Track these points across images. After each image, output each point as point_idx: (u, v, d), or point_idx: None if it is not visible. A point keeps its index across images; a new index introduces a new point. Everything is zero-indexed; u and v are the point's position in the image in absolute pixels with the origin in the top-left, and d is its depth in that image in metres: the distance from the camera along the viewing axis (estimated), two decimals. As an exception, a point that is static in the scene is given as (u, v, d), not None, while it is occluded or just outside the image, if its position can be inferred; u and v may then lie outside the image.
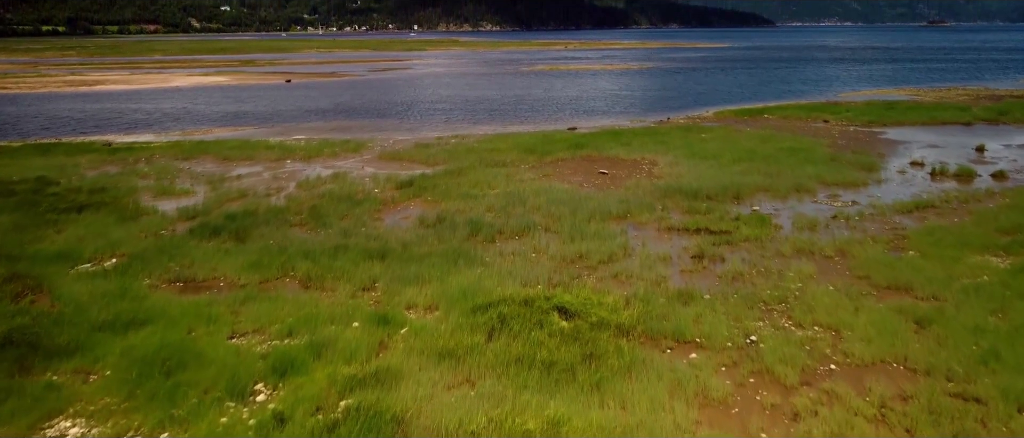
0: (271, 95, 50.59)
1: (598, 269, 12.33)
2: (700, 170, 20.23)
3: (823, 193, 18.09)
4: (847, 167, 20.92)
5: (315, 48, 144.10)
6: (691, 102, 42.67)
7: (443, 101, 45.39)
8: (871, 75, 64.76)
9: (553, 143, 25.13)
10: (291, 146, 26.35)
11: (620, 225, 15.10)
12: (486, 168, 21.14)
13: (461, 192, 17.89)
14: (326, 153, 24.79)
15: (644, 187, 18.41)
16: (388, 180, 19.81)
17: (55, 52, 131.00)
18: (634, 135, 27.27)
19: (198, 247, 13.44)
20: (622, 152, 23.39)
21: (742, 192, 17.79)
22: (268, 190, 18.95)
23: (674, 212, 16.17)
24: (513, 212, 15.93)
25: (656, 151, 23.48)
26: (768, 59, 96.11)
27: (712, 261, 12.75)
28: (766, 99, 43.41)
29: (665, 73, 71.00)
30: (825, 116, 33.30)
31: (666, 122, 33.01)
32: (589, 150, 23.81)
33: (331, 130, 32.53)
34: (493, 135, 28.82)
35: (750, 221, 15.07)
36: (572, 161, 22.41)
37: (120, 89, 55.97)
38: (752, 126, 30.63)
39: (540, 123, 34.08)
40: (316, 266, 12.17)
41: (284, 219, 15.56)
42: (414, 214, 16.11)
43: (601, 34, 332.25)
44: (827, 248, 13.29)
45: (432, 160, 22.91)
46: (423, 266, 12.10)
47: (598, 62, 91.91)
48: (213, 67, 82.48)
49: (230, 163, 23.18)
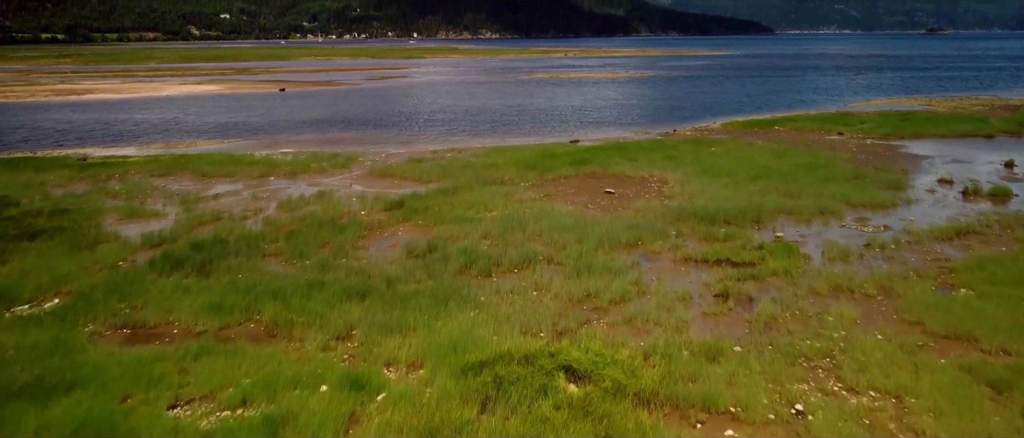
0: (264, 105, 49.13)
1: (609, 311, 10.78)
2: (714, 189, 18.69)
3: (850, 216, 16.56)
4: (872, 186, 19.39)
5: (313, 56, 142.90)
6: (697, 113, 41.21)
7: (440, 111, 43.93)
8: (879, 84, 63.38)
9: (555, 158, 23.61)
10: (276, 161, 24.83)
11: (631, 255, 13.55)
12: (483, 186, 19.61)
13: (455, 215, 16.34)
14: (313, 169, 23.26)
15: (655, 209, 16.87)
16: (376, 200, 18.28)
17: (50, 60, 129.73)
18: (640, 149, 25.76)
19: (155, 283, 11.88)
20: (629, 168, 21.86)
21: (762, 215, 16.25)
22: (245, 212, 17.40)
23: (690, 239, 14.62)
24: (512, 240, 14.38)
25: (665, 167, 21.95)
26: (772, 67, 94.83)
27: (738, 302, 11.18)
28: (775, 109, 41.95)
29: (668, 82, 69.64)
30: (839, 128, 31.82)
31: (673, 134, 31.51)
32: (593, 166, 22.29)
33: (322, 142, 31.02)
34: (491, 148, 27.31)
35: (775, 251, 13.52)
36: (575, 179, 20.88)
37: (109, 98, 54.51)
38: (764, 139, 29.13)
39: (541, 135, 32.58)
40: (286, 308, 10.61)
41: (257, 248, 14.00)
42: (402, 241, 14.55)
43: (601, 41, 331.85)
44: (867, 285, 11.73)
45: (425, 177, 21.38)
46: (408, 309, 10.54)
47: (599, 70, 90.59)
48: (207, 76, 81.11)
49: (208, 180, 21.64)
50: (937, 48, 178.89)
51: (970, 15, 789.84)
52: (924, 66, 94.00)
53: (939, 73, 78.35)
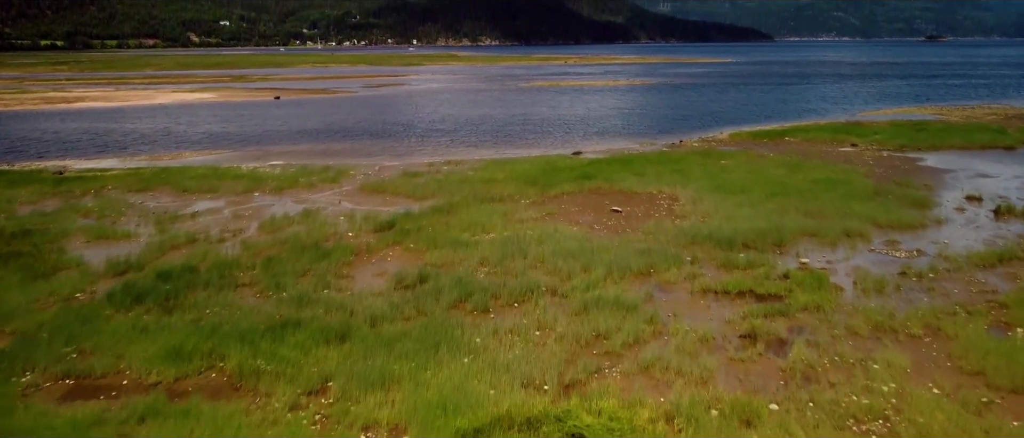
0: (257, 113, 47.90)
1: (623, 357, 9.46)
2: (729, 208, 17.39)
3: (878, 238, 15.26)
4: (896, 203, 18.10)
5: (311, 63, 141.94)
6: (703, 122, 39.98)
7: (437, 121, 42.70)
8: (886, 92, 62.22)
9: (557, 172, 22.33)
10: (263, 174, 23.54)
11: (643, 285, 12.24)
12: (481, 204, 18.31)
13: (450, 237, 15.03)
14: (301, 184, 21.97)
15: (666, 231, 15.57)
16: (366, 220, 16.98)
17: (47, 67, 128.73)
18: (647, 162, 24.48)
19: (111, 321, 10.57)
20: (636, 184, 20.57)
21: (784, 237, 14.95)
22: (223, 233, 16.10)
23: (707, 266, 13.32)
24: (512, 267, 13.07)
25: (674, 182, 20.66)
26: (775, 75, 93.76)
27: (769, 344, 9.87)
28: (782, 119, 40.75)
29: (671, 90, 68.49)
30: (852, 139, 30.57)
31: (679, 145, 30.26)
32: (598, 181, 21.00)
33: (313, 154, 29.75)
34: (490, 161, 26.04)
35: (803, 281, 12.21)
36: (579, 195, 19.58)
37: (100, 107, 53.28)
38: (775, 150, 27.88)
39: (541, 146, 31.32)
40: (254, 353, 9.30)
41: (230, 277, 12.69)
42: (391, 269, 13.24)
43: (601, 49, 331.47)
44: (911, 323, 10.43)
45: (420, 193, 20.09)
46: (393, 355, 9.23)
47: (600, 78, 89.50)
48: (202, 83, 79.98)
49: (189, 197, 20.34)
50: (939, 55, 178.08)
51: (969, 22, 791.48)
52: (929, 74, 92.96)
53: (946, 81, 77.25)
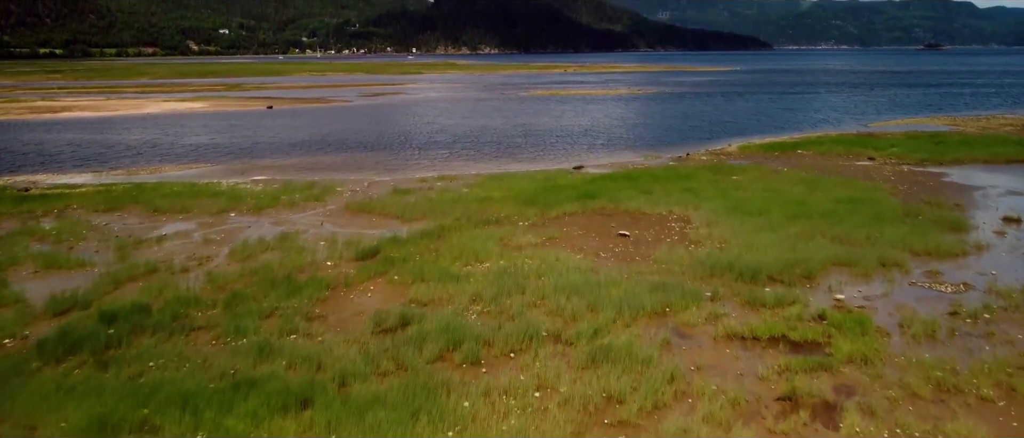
0: (247, 124, 46.39)
1: (640, 430, 7.85)
2: (748, 233, 15.80)
3: (917, 268, 13.67)
4: (930, 227, 16.51)
5: (308, 72, 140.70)
6: (710, 133, 38.47)
7: (433, 132, 41.18)
8: (895, 101, 60.81)
9: (558, 190, 20.75)
10: (243, 192, 21.96)
11: (659, 328, 10.64)
12: (474, 228, 16.72)
13: (439, 269, 13.42)
14: (283, 202, 20.38)
15: (681, 260, 13.97)
16: (348, 246, 15.39)
17: (41, 75, 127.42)
18: (654, 178, 22.91)
19: (35, 378, 8.96)
20: (643, 203, 18.98)
21: (813, 268, 13.35)
22: (187, 262, 14.49)
23: (730, 303, 11.71)
24: (508, 306, 11.46)
25: (685, 202, 19.07)
26: (778, 84, 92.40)
27: (814, 412, 8.25)
28: (791, 130, 39.27)
29: (673, 99, 67.09)
30: (868, 152, 29.04)
31: (686, 159, 28.71)
32: (602, 200, 19.41)
33: (300, 168, 28.19)
34: (486, 177, 24.47)
35: (842, 323, 10.61)
36: (583, 217, 17.99)
37: (87, 117, 51.79)
38: (788, 165, 26.34)
39: (541, 160, 29.77)
40: (194, 426, 7.68)
41: (185, 318, 11.07)
42: (370, 308, 11.62)
43: (600, 57, 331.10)
44: (980, 382, 8.82)
45: (409, 213, 18.50)
46: (363, 429, 7.61)
47: (601, 87, 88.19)
48: (195, 92, 78.55)
49: (159, 218, 18.74)
50: (941, 63, 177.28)
51: (966, 31, 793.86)
52: (935, 82, 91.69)
53: (954, 90, 75.94)
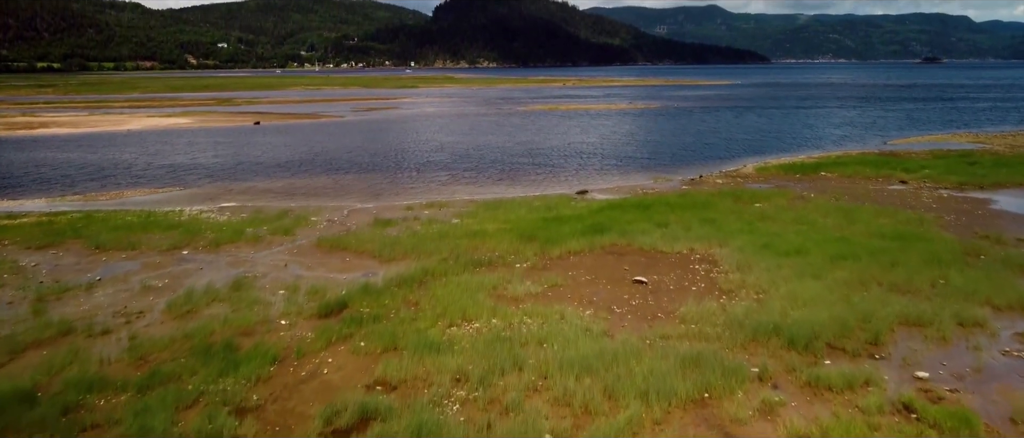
0: (231, 141, 43.96)
1: None
2: (788, 279, 13.25)
3: (1005, 330, 11.14)
4: (1001, 271, 13.98)
5: (303, 85, 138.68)
6: (722, 152, 36.03)
7: (425, 150, 38.74)
8: (910, 117, 58.51)
9: (561, 222, 18.22)
10: (204, 223, 19.41)
11: (698, 427, 8.08)
12: (464, 271, 14.17)
13: (416, 332, 10.86)
14: (246, 236, 17.81)
15: (713, 317, 11.42)
16: (311, 295, 12.85)
17: (31, 90, 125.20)
18: (668, 206, 20.37)
19: None
20: (660, 239, 16.44)
21: (879, 331, 10.79)
22: (113, 319, 11.92)
23: (785, 386, 9.15)
24: (501, 392, 8.89)
25: (708, 237, 16.53)
26: (785, 98, 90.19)
27: None
28: (807, 148, 36.86)
29: (678, 114, 64.79)
30: (897, 174, 26.60)
31: (700, 182, 26.24)
32: (613, 235, 16.87)
33: (277, 193, 25.70)
34: (480, 204, 21.96)
35: (940, 421, 8.06)
36: (590, 256, 15.44)
37: (63, 134, 49.33)
38: (813, 189, 23.86)
39: (541, 183, 27.27)
40: None
41: (79, 413, 8.48)
42: (323, 395, 9.04)
43: (599, 71, 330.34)
44: None
45: (389, 252, 15.94)
46: None
47: (601, 101, 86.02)
48: (183, 107, 76.22)
49: (99, 256, 16.17)
50: (947, 77, 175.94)
51: (963, 44, 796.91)
52: (946, 96, 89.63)
53: (968, 104, 73.80)
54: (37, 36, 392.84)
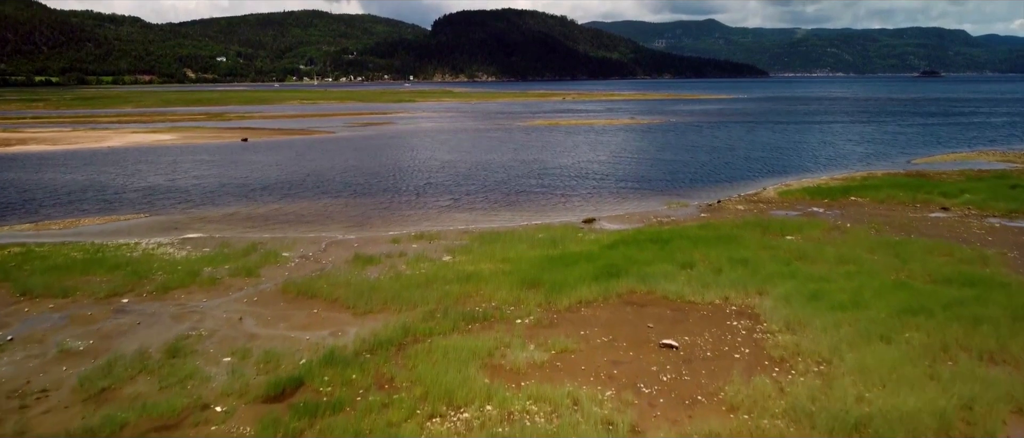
0: (215, 159, 41.53)
1: None
2: (852, 343, 10.71)
3: None
4: (1104, 327, 11.45)
5: (299, 100, 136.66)
6: (737, 172, 33.61)
7: (418, 170, 36.30)
8: (930, 133, 56.17)
9: (568, 262, 15.69)
10: (157, 260, 16.89)
11: None
12: (452, 332, 11.63)
13: (386, 426, 8.31)
14: (202, 278, 15.29)
15: (770, 403, 8.88)
16: (261, 367, 10.32)
17: (22, 104, 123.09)
18: (689, 240, 17.84)
19: None
20: (686, 285, 13.89)
21: (989, 424, 8.27)
22: (6, 404, 9.36)
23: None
24: (496, 539, 6.32)
25: (742, 282, 14.00)
26: (792, 113, 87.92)
27: None
28: (828, 167, 34.47)
29: (684, 130, 62.48)
30: (936, 199, 24.15)
31: (719, 208, 23.77)
32: (630, 279, 14.33)
33: (250, 220, 23.21)
34: (476, 236, 19.46)
35: None
36: (605, 308, 12.91)
37: (40, 152, 46.89)
38: (846, 216, 21.38)
39: (543, 209, 24.78)
40: None
41: None
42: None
43: (598, 85, 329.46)
44: None
45: (365, 301, 13.39)
46: None
47: (603, 115, 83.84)
48: (171, 122, 73.92)
49: (22, 305, 13.63)
50: (950, 90, 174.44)
51: (960, 59, 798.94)
52: (957, 110, 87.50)
53: (983, 118, 71.70)
54: (36, 50, 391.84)
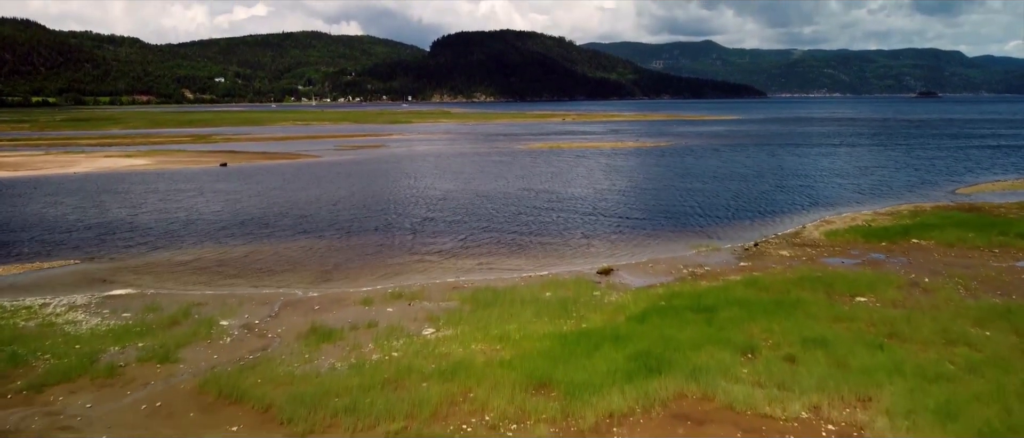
0: (185, 188, 37.74)
1: None
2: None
3: None
4: None
5: (292, 121, 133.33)
6: (767, 204, 29.82)
7: (405, 202, 32.50)
8: (963, 158, 52.29)
9: (588, 344, 11.76)
10: (54, 334, 12.96)
11: None
12: (426, 481, 7.70)
13: None
14: (99, 367, 11.37)
15: None
16: None
17: (6, 125, 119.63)
18: (738, 306, 13.93)
19: None
20: (753, 385, 9.98)
21: None
22: None
23: None
24: None
25: (832, 381, 10.07)
26: (807, 135, 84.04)
27: None
28: (869, 200, 30.76)
29: (694, 153, 58.83)
30: (1013, 242, 20.35)
31: (758, 252, 19.92)
32: (675, 376, 10.39)
33: (195, 269, 19.33)
34: (468, 295, 15.57)
35: None
36: (647, 427, 8.97)
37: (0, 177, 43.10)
38: (916, 266, 17.54)
39: (549, 257, 20.87)
40: None
41: None
42: None
43: (597, 105, 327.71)
44: None
45: (307, 412, 9.47)
46: None
47: (606, 138, 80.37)
48: (152, 145, 70.31)
49: None
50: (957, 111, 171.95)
51: (956, 79, 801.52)
52: (978, 133, 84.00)
53: (1012, 141, 68.12)
54: (34, 71, 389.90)
